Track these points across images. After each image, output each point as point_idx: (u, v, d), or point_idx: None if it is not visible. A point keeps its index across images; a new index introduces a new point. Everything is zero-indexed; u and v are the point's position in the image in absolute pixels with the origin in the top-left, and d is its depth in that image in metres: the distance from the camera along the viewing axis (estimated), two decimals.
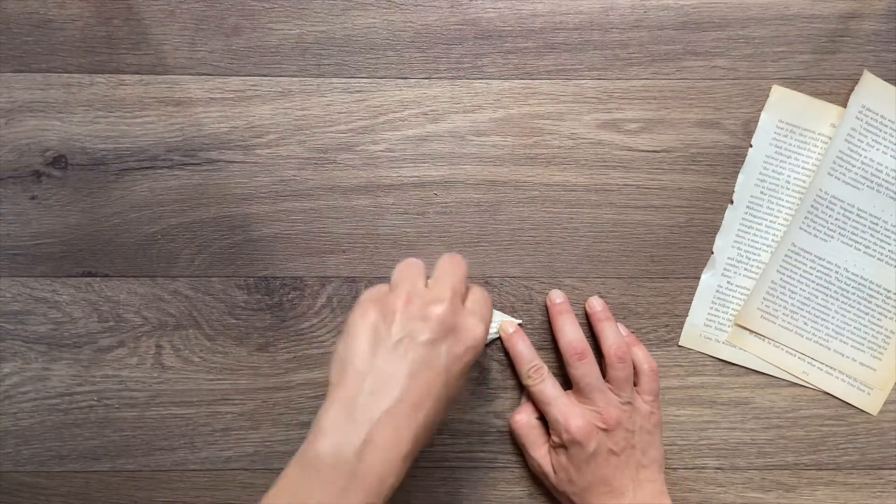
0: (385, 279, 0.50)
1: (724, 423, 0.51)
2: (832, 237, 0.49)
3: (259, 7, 0.50)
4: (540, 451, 0.48)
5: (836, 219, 0.49)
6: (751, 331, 0.50)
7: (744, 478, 0.51)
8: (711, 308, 0.51)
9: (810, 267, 0.50)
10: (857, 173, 0.49)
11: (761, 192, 0.50)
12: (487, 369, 0.51)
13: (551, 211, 0.50)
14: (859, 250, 0.49)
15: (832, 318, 0.50)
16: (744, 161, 0.50)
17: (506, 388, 0.51)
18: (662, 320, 0.51)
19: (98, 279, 0.50)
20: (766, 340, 0.50)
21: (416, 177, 0.50)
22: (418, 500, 0.51)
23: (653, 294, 0.51)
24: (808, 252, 0.50)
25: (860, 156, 0.49)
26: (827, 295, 0.50)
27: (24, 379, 0.50)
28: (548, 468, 0.47)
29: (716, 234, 0.51)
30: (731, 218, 0.50)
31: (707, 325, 0.51)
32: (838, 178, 0.49)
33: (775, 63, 0.50)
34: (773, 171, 0.50)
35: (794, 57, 0.50)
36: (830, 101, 0.50)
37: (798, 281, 0.50)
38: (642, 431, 0.47)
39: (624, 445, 0.46)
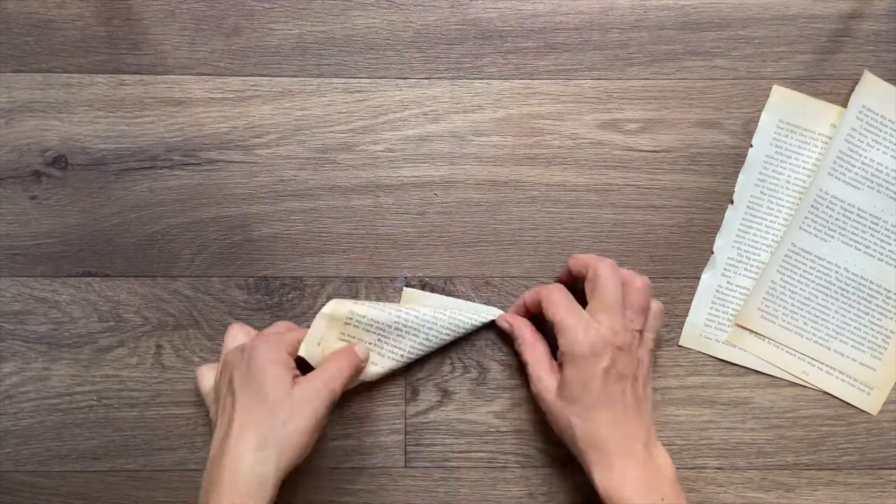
0: (384, 279, 0.50)
1: (724, 423, 0.51)
2: (832, 237, 0.49)
3: (259, 7, 0.50)
4: (546, 368, 0.46)
5: (837, 219, 0.49)
6: (751, 331, 0.50)
7: (744, 478, 0.51)
8: (711, 308, 0.51)
9: (810, 267, 0.50)
10: (857, 173, 0.49)
11: (761, 192, 0.50)
12: (487, 369, 0.51)
13: (551, 211, 0.50)
14: (859, 250, 0.49)
15: (832, 318, 0.50)
16: (744, 161, 0.50)
17: (506, 388, 0.51)
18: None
19: (98, 279, 0.50)
20: (766, 340, 0.50)
21: (416, 177, 0.50)
22: (418, 500, 0.51)
23: (653, 294, 0.51)
24: (808, 252, 0.50)
25: (860, 156, 0.49)
26: (827, 295, 0.50)
27: (24, 379, 0.50)
28: (552, 385, 0.45)
29: (716, 234, 0.51)
30: (731, 218, 0.50)
31: (707, 324, 0.51)
32: (838, 178, 0.49)
33: (775, 63, 0.50)
34: (774, 171, 0.50)
35: (794, 57, 0.50)
36: (830, 101, 0.50)
37: (798, 281, 0.50)
38: (643, 366, 0.46)
39: (630, 373, 0.44)
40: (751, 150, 0.50)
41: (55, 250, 0.50)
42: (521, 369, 0.50)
